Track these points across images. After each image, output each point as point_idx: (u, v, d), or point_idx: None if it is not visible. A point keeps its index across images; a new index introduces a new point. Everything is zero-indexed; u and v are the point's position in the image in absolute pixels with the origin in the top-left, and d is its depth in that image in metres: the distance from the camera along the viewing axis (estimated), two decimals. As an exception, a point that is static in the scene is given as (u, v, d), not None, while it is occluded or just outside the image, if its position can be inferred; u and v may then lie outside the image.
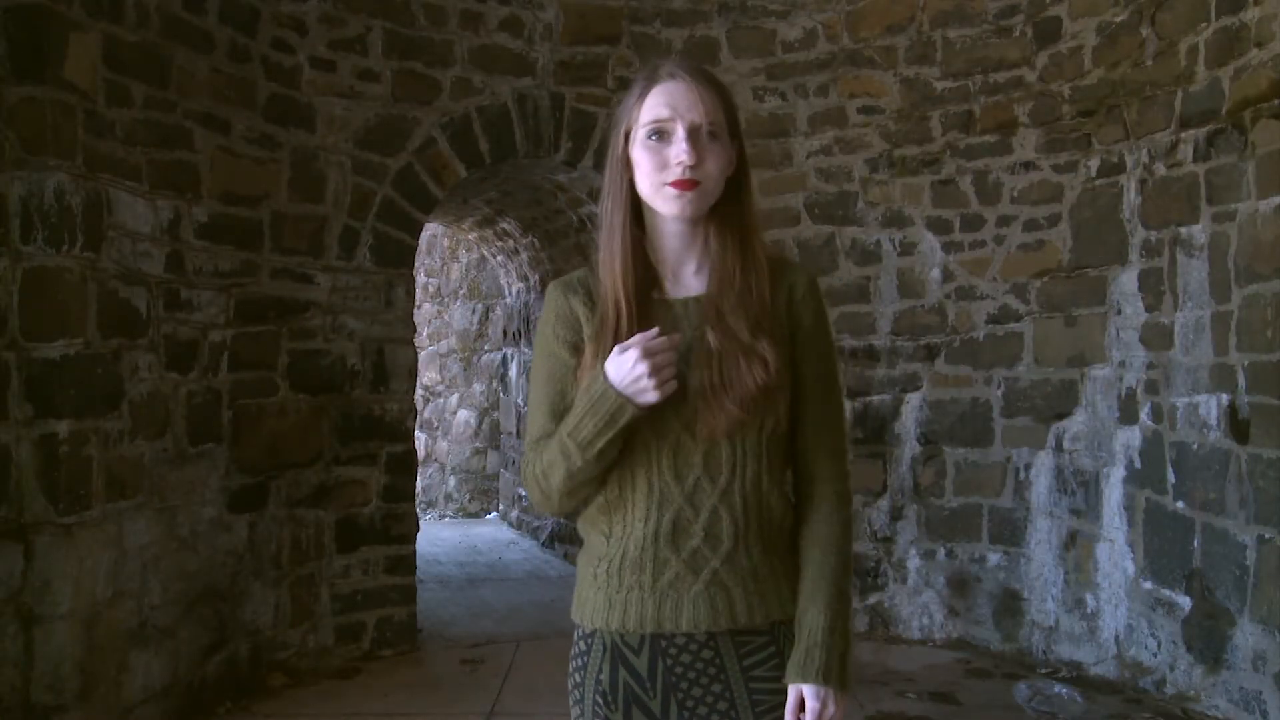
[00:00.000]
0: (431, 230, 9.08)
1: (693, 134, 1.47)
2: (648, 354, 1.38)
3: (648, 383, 1.39)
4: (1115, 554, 4.36)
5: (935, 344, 4.96)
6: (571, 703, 1.57)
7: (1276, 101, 3.50)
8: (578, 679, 1.55)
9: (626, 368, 1.40)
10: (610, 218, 1.55)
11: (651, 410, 1.43)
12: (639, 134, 1.51)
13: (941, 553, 4.93)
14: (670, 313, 1.53)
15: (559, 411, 1.53)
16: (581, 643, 1.56)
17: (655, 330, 1.41)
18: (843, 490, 1.56)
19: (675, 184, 1.47)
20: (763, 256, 1.54)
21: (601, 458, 1.45)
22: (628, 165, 1.53)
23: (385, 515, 4.74)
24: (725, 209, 1.54)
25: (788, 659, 1.49)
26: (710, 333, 1.48)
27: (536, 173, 5.54)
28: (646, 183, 1.50)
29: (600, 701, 1.52)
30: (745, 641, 1.50)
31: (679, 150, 1.46)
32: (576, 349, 1.54)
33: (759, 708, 1.49)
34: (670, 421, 1.47)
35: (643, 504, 1.50)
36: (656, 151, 1.49)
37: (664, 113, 1.48)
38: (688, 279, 1.55)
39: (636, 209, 1.55)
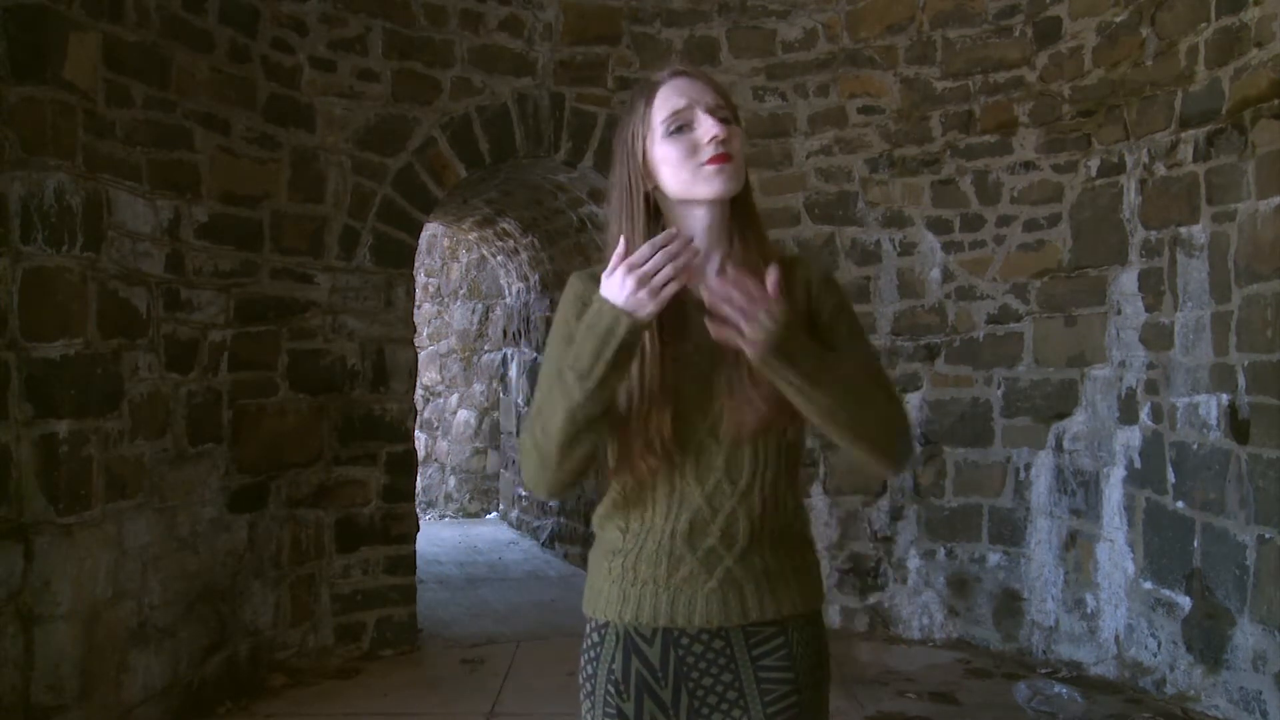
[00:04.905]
0: (431, 230, 9.08)
1: (715, 114, 1.47)
2: (630, 268, 1.35)
3: (642, 294, 1.34)
4: (1115, 554, 4.36)
5: (935, 344, 4.96)
6: (582, 695, 1.58)
7: (1276, 101, 3.50)
8: (590, 670, 1.57)
9: (616, 286, 1.36)
10: (626, 227, 1.52)
11: (676, 413, 1.45)
12: (658, 134, 1.50)
13: (941, 553, 4.93)
14: (698, 309, 1.51)
15: None
16: (594, 634, 1.57)
17: (659, 238, 1.36)
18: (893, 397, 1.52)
19: (713, 160, 1.46)
20: (771, 249, 1.55)
21: (602, 388, 1.38)
22: (648, 174, 1.51)
23: (385, 515, 4.74)
24: (739, 204, 1.54)
25: (797, 652, 1.51)
26: None
27: (536, 173, 5.54)
28: (682, 172, 1.48)
29: (613, 691, 1.53)
30: (755, 632, 1.52)
31: (708, 128, 1.46)
32: None
33: (767, 697, 1.50)
34: (696, 426, 1.48)
35: (664, 503, 1.51)
36: (683, 140, 1.48)
37: (681, 103, 1.48)
38: (711, 277, 1.53)
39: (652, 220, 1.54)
